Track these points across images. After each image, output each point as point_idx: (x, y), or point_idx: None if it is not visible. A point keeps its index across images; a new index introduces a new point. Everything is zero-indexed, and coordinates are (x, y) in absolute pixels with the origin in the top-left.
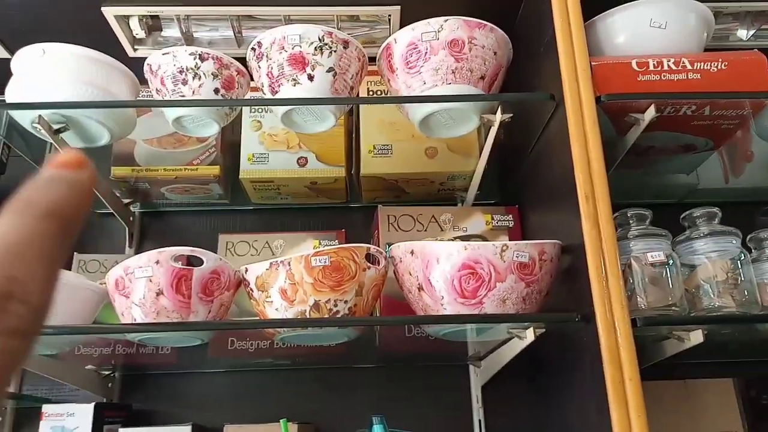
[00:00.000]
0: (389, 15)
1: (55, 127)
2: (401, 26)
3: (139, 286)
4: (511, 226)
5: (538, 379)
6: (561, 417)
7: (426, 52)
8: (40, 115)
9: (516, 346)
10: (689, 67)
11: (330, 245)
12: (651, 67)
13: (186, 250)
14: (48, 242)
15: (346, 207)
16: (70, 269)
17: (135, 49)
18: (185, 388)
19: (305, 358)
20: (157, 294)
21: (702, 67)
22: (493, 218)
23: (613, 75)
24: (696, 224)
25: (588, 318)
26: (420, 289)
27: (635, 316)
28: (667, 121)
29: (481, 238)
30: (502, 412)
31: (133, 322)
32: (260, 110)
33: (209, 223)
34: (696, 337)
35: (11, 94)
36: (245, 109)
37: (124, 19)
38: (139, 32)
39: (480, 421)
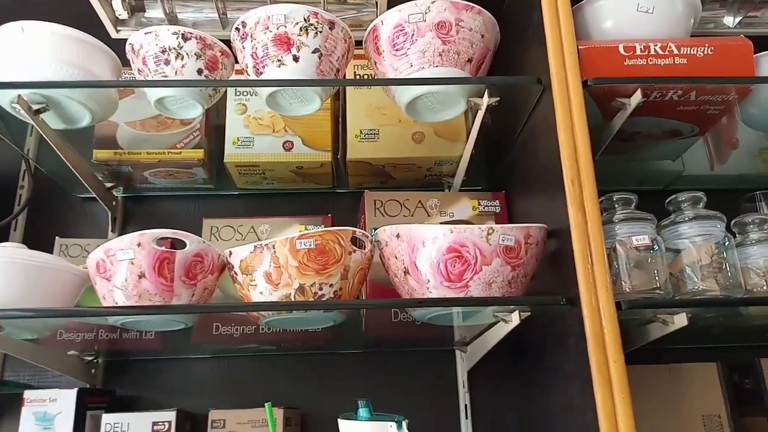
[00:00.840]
0: None
1: (35, 107)
2: (388, 9)
3: (120, 268)
4: (497, 211)
5: (523, 363)
6: (546, 400)
7: (413, 34)
8: (19, 95)
9: (502, 330)
10: (676, 51)
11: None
12: (638, 52)
13: (168, 233)
14: None
15: (332, 192)
16: (51, 253)
17: (117, 30)
18: (169, 374)
19: (290, 343)
20: (139, 277)
21: (688, 52)
22: (479, 203)
23: (600, 59)
24: (681, 208)
25: (573, 301)
26: (406, 272)
27: (620, 300)
28: (653, 106)
29: (468, 223)
30: (488, 396)
31: (115, 305)
32: (245, 93)
33: (193, 208)
34: (680, 320)
35: None
36: (230, 92)
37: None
38: (122, 13)
39: (466, 405)
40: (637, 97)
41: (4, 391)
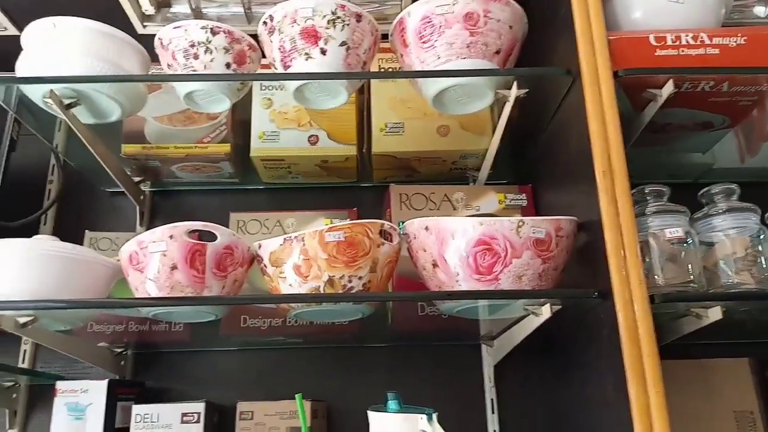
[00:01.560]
0: None
1: (66, 102)
2: (413, 2)
3: (153, 260)
4: (524, 205)
5: (551, 358)
6: (576, 395)
7: (440, 26)
8: (51, 90)
9: (531, 324)
10: (708, 41)
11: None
12: (669, 42)
13: (199, 225)
14: None
15: (357, 186)
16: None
17: (144, 26)
18: (198, 366)
19: (317, 336)
20: (172, 269)
21: (721, 42)
22: (506, 197)
23: (631, 50)
24: (714, 201)
25: (605, 294)
26: (435, 265)
27: (653, 293)
28: (685, 98)
29: (494, 217)
30: (515, 390)
31: (148, 296)
32: (271, 87)
33: (220, 202)
34: (714, 314)
35: (22, 69)
36: (255, 87)
37: None
38: (149, 8)
39: (492, 400)
40: (668, 88)
41: (36, 382)
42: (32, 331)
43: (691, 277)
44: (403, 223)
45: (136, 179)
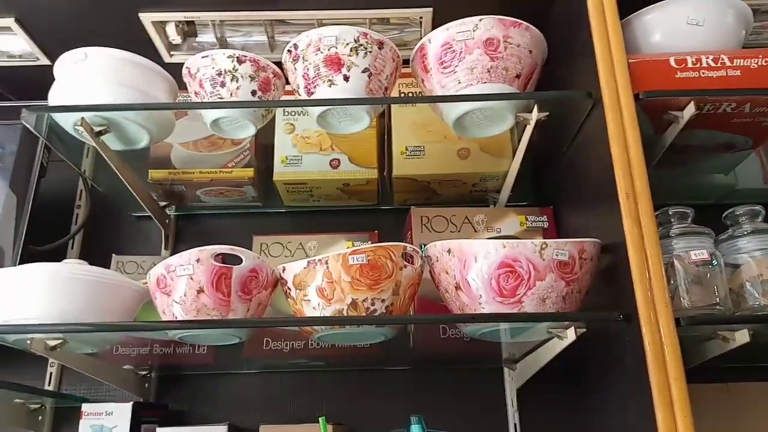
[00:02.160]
0: (421, 17)
1: (97, 129)
2: (433, 29)
3: (180, 283)
4: (545, 227)
5: (575, 382)
6: (601, 419)
7: (461, 52)
8: (82, 118)
9: (555, 347)
10: (728, 63)
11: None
12: (689, 64)
13: (226, 249)
14: None
15: (378, 209)
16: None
17: (171, 55)
18: (220, 389)
19: (339, 359)
20: (198, 292)
21: (741, 64)
22: (527, 219)
23: (651, 72)
24: (739, 222)
25: (630, 317)
26: (457, 288)
27: (679, 316)
28: (706, 119)
29: (516, 239)
30: (538, 415)
31: (174, 319)
32: (293, 113)
33: (243, 226)
34: (742, 337)
35: (54, 98)
36: (278, 112)
37: (160, 25)
38: (175, 38)
39: (516, 424)
40: (690, 110)
41: (62, 405)
42: (61, 353)
43: (717, 299)
44: (424, 245)
45: (162, 204)
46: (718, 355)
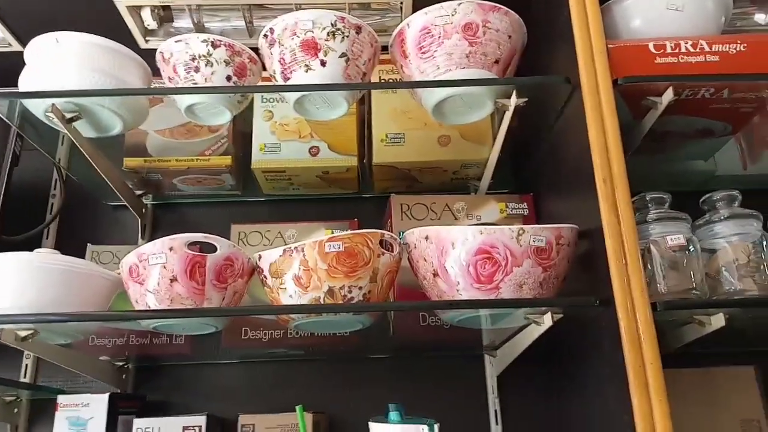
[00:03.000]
0: (401, 3)
1: (68, 116)
2: (413, 13)
3: (153, 272)
4: (525, 214)
5: (554, 367)
6: (579, 403)
7: (439, 36)
8: (53, 104)
9: (532, 333)
10: (707, 49)
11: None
12: (668, 50)
13: (199, 236)
14: None
15: (358, 197)
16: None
17: (146, 41)
18: (199, 379)
19: (318, 348)
20: (171, 281)
21: (720, 49)
22: (507, 206)
23: (630, 58)
24: (716, 207)
25: (607, 302)
26: (435, 275)
27: (655, 300)
28: (685, 105)
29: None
30: (519, 400)
31: (147, 308)
32: (271, 100)
33: (221, 215)
34: (717, 321)
35: (24, 84)
36: (256, 99)
37: (135, 10)
38: (151, 23)
39: (496, 411)
40: (668, 96)
41: (38, 396)
42: (33, 344)
43: (694, 284)
44: (403, 233)
45: (138, 192)
46: (695, 340)
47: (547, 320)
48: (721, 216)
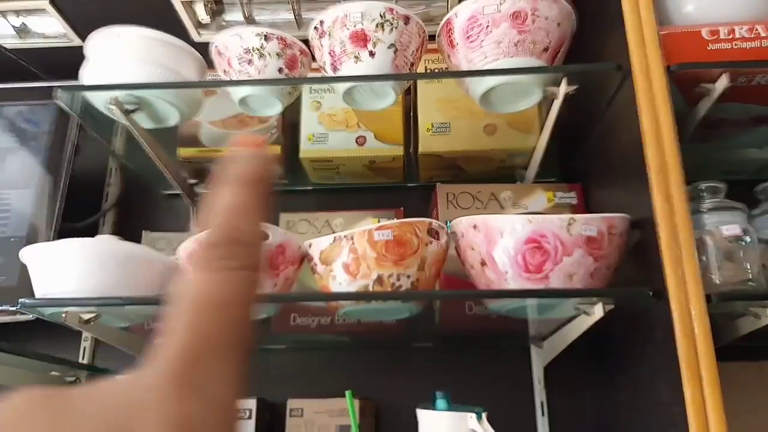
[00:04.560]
0: None
1: (129, 107)
2: (459, 3)
3: None
4: (574, 203)
5: (603, 359)
6: (629, 397)
7: (487, 25)
8: (115, 97)
9: (582, 324)
10: (763, 34)
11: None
12: (722, 36)
13: None
14: (253, 202)
15: (403, 186)
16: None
17: (200, 34)
18: (250, 363)
19: (365, 335)
20: None
21: None
22: (555, 195)
23: (683, 44)
24: None
25: (660, 294)
26: (483, 264)
27: (709, 292)
28: (740, 92)
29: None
30: (566, 392)
31: None
32: (319, 90)
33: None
34: None
35: (86, 77)
36: (305, 90)
37: (189, 4)
38: (204, 17)
39: (542, 402)
40: (722, 82)
41: (95, 377)
42: (95, 327)
43: (750, 275)
44: (450, 222)
45: (191, 181)
46: (751, 333)
47: (598, 311)
48: None
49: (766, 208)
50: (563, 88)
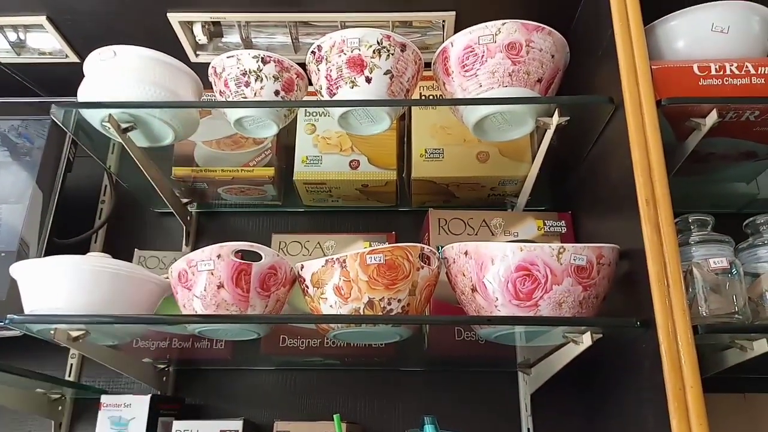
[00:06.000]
0: (443, 21)
1: (124, 126)
2: (455, 32)
3: (201, 278)
4: (563, 231)
5: (590, 388)
6: (615, 426)
7: (483, 55)
8: (110, 114)
9: (570, 352)
10: (753, 71)
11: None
12: (713, 72)
13: (246, 245)
14: None
15: (396, 211)
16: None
17: (197, 55)
18: (237, 384)
19: (354, 358)
20: (218, 287)
21: (766, 72)
22: (545, 224)
23: (674, 79)
24: (759, 231)
25: (648, 324)
26: (473, 290)
27: (696, 324)
28: (729, 127)
29: (534, 243)
30: (552, 420)
31: (195, 313)
32: (314, 114)
33: (262, 224)
34: (760, 346)
35: (83, 94)
36: (300, 113)
37: (187, 25)
38: (202, 38)
39: (529, 429)
40: (712, 117)
41: (82, 396)
42: (82, 344)
43: (736, 308)
44: (442, 247)
45: (184, 201)
46: (736, 364)
47: (586, 340)
48: (765, 240)
49: (753, 242)
50: (555, 119)
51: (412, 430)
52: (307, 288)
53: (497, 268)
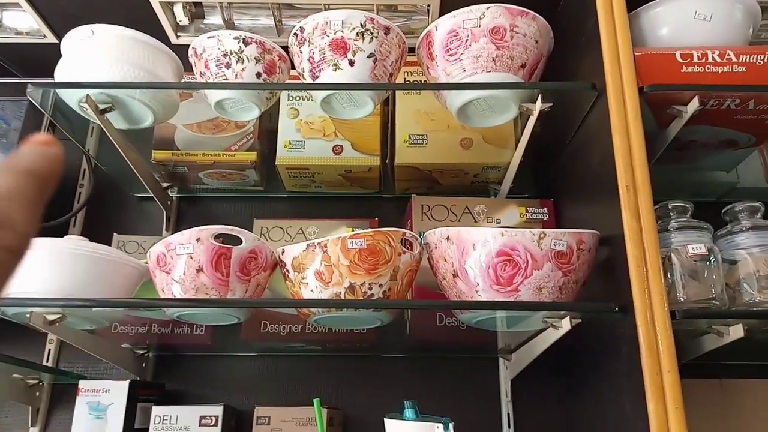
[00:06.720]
0: (428, 5)
1: (102, 107)
2: (440, 16)
3: (180, 262)
4: (546, 218)
5: (569, 372)
6: (594, 411)
7: (467, 40)
8: (87, 95)
9: (549, 337)
10: (734, 59)
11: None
12: (695, 59)
13: (226, 229)
14: (28, 192)
15: (379, 197)
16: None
17: (178, 36)
18: (217, 370)
19: (335, 344)
20: (197, 271)
21: (747, 60)
22: (527, 210)
23: (657, 66)
24: (738, 218)
25: (626, 309)
26: (455, 275)
27: (674, 309)
28: (710, 115)
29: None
30: (532, 405)
31: (173, 297)
32: (297, 98)
33: (244, 209)
34: (736, 332)
35: (60, 74)
36: (283, 97)
37: (168, 6)
38: (183, 19)
39: (509, 414)
40: (693, 105)
41: (59, 381)
42: (60, 329)
43: (713, 294)
44: (424, 233)
45: (165, 185)
46: (713, 350)
47: (566, 324)
48: (743, 227)
49: (731, 229)
50: (539, 105)
51: (393, 414)
52: (288, 273)
53: (478, 253)
